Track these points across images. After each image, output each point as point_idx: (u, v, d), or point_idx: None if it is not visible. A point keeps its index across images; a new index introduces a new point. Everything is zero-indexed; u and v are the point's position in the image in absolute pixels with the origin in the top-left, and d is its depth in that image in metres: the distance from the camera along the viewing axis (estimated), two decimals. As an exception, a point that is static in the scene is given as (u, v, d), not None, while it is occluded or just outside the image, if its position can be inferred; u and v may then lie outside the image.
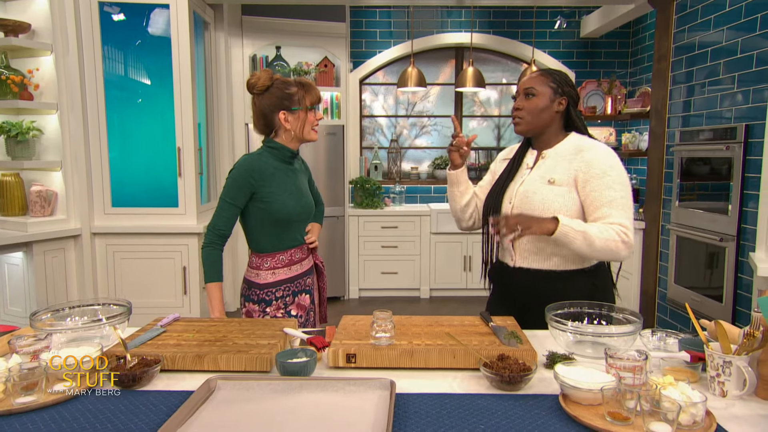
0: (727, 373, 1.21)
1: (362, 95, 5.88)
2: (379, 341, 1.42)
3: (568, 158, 1.78)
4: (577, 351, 1.50)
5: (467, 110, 6.04)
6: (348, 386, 1.24)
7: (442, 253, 5.33)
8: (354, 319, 1.65)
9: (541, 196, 1.76)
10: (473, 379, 1.34)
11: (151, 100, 3.87)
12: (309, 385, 1.24)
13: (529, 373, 1.27)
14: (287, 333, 1.53)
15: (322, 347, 1.41)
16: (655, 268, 4.27)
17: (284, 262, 1.98)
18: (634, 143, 5.22)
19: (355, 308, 5.05)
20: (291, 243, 2.00)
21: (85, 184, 3.76)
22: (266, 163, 1.93)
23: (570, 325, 1.50)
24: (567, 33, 5.66)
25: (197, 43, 4.19)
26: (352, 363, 1.39)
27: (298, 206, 1.97)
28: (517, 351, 1.39)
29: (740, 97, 3.33)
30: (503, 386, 1.27)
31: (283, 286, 1.98)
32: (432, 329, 1.56)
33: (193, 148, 3.87)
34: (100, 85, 3.73)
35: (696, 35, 3.78)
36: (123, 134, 3.84)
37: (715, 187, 3.59)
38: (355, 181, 5.46)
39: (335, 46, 5.18)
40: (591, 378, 1.21)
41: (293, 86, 1.93)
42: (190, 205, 3.90)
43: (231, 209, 1.91)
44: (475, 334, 1.53)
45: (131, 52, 3.81)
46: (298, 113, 1.94)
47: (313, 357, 1.34)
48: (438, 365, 1.39)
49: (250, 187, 1.90)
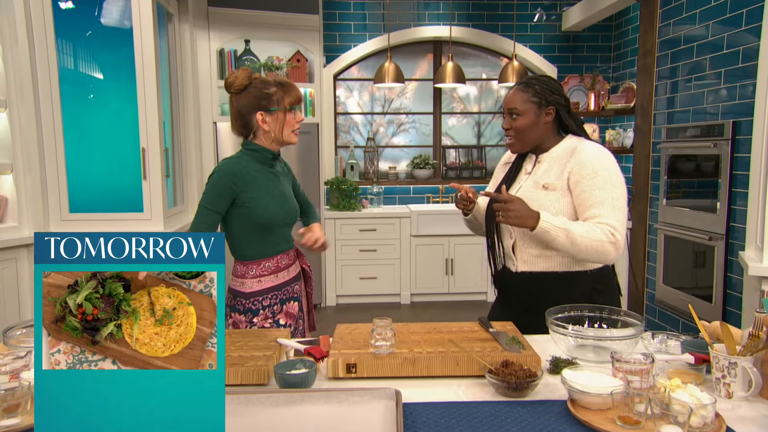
0: (733, 375, 1.28)
1: (336, 91, 5.90)
2: (380, 350, 1.46)
3: (563, 162, 1.86)
4: (578, 355, 1.55)
5: (446, 107, 6.11)
6: (352, 397, 1.27)
7: (423, 256, 5.39)
8: (349, 328, 1.68)
9: (537, 203, 1.84)
10: (478, 386, 1.39)
11: (104, 96, 3.81)
12: (311, 397, 1.26)
13: (536, 379, 1.32)
14: (282, 343, 1.54)
15: (321, 357, 1.43)
16: (642, 269, 4.40)
17: (270, 269, 2.00)
18: (618, 140, 5.38)
19: (332, 316, 5.06)
20: (276, 249, 2.02)
21: (39, 188, 3.68)
22: (247, 166, 1.95)
23: (571, 329, 1.56)
24: (548, 26, 5.79)
25: (160, 36, 4.15)
26: (353, 373, 1.42)
27: (282, 210, 1.99)
28: (521, 357, 1.44)
29: (726, 93, 3.47)
30: (510, 393, 1.32)
31: (270, 294, 1.99)
32: (431, 336, 1.60)
33: (158, 149, 3.83)
34: (54, 80, 3.65)
35: (681, 29, 3.92)
36: (81, 133, 3.77)
37: (702, 184, 3.73)
38: (330, 182, 5.48)
39: (308, 39, 5.19)
40: (599, 382, 1.27)
41: (272, 86, 1.95)
42: (156, 209, 3.86)
43: (211, 216, 1.92)
44: (475, 340, 1.58)
45: (82, 44, 3.75)
46: (277, 114, 1.95)
47: (313, 368, 1.36)
48: (441, 373, 1.43)
49: (231, 192, 1.91)
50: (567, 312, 1.67)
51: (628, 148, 5.20)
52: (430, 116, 6.09)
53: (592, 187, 1.79)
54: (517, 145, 1.93)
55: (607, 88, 5.64)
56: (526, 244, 1.90)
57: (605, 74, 5.82)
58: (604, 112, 5.49)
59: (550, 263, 1.89)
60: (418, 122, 6.11)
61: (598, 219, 1.76)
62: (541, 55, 5.81)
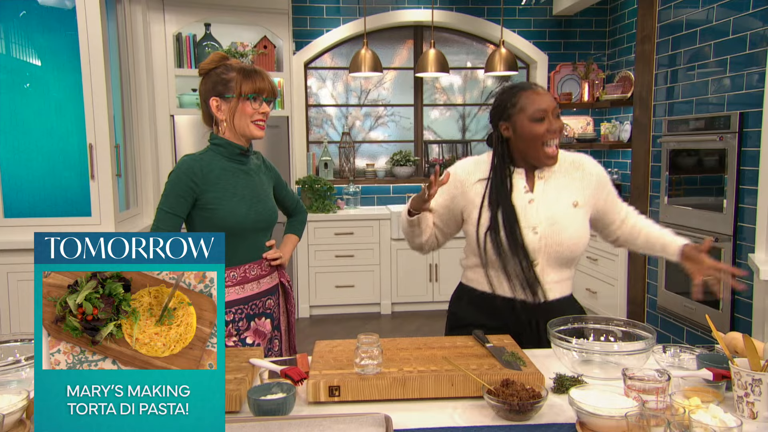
0: (757, 393, 1.27)
1: (308, 81, 5.85)
2: (366, 369, 1.42)
3: (574, 175, 1.93)
4: (583, 372, 1.54)
5: (428, 98, 6.11)
6: (336, 424, 1.23)
7: (404, 261, 5.37)
8: (330, 345, 1.64)
9: (571, 221, 1.87)
10: (476, 409, 1.37)
11: (43, 86, 3.71)
12: (290, 425, 1.23)
13: (540, 401, 1.30)
14: (255, 364, 1.50)
15: (300, 380, 1.40)
16: (643, 273, 4.44)
17: (235, 279, 1.95)
18: (614, 133, 5.43)
19: (306, 329, 5.01)
20: (244, 257, 1.97)
21: (-34, 191, 3.58)
22: (210, 163, 1.91)
23: (575, 343, 1.55)
24: (538, 10, 5.82)
25: (109, 19, 4.06)
26: (336, 396, 1.39)
27: (253, 213, 1.95)
28: (523, 375, 1.42)
29: (731, 82, 3.52)
30: (511, 416, 1.30)
31: (234, 308, 1.95)
32: (422, 353, 1.58)
33: (108, 145, 3.75)
34: (-20, 66, 3.54)
35: (683, 13, 3.97)
36: (16, 128, 3.66)
37: (707, 181, 3.77)
38: (302, 181, 5.43)
39: (276, 23, 5.13)
40: (610, 403, 1.25)
41: (233, 71, 1.94)
42: (105, 212, 3.77)
43: (171, 219, 1.87)
44: (471, 356, 1.56)
45: (14, 25, 3.64)
46: (232, 101, 1.93)
47: (291, 392, 1.32)
48: (435, 395, 1.41)
49: (191, 192, 1.87)
50: (570, 324, 1.66)
51: (626, 143, 5.26)
52: (411, 108, 6.08)
53: (613, 191, 1.99)
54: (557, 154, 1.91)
55: (602, 78, 5.69)
56: (549, 272, 1.88)
57: (600, 62, 5.87)
58: (598, 103, 5.53)
59: (565, 288, 1.94)
60: (397, 115, 6.09)
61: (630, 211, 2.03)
62: (531, 42, 5.84)
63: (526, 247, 1.82)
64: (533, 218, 1.85)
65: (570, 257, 1.87)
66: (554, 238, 1.83)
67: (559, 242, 1.83)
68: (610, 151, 5.73)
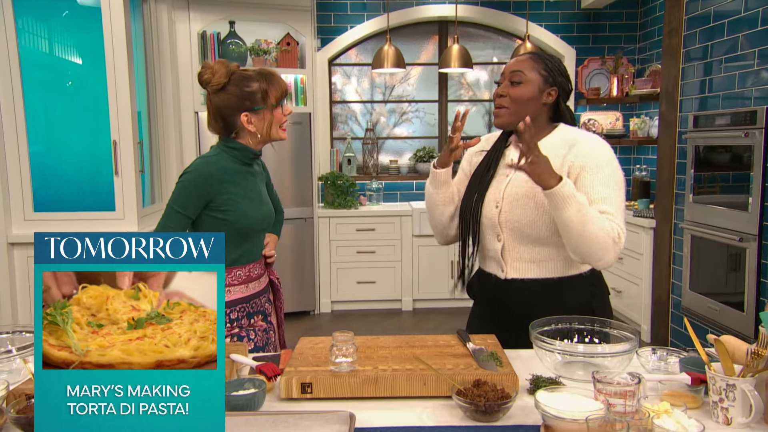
0: (731, 398, 1.24)
1: (332, 78, 5.89)
2: (340, 367, 1.43)
3: (561, 153, 1.79)
4: (566, 373, 1.52)
5: (453, 94, 6.07)
6: (302, 421, 1.25)
7: (425, 258, 5.36)
8: (313, 342, 1.66)
9: (534, 198, 1.78)
10: (446, 409, 1.36)
11: (83, 83, 3.82)
12: (256, 421, 1.25)
13: (508, 402, 1.29)
14: (234, 360, 1.53)
15: (274, 376, 1.42)
16: (668, 273, 4.34)
17: (241, 278, 1.98)
18: (643, 129, 5.31)
19: (326, 324, 5.06)
20: (250, 257, 2.00)
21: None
22: (225, 167, 1.92)
23: (558, 344, 1.53)
24: (566, 3, 5.72)
25: (134, 18, 4.16)
26: (308, 393, 1.40)
27: (259, 214, 1.97)
28: (496, 375, 1.41)
29: (763, 75, 3.40)
30: (479, 417, 1.29)
31: (239, 307, 1.98)
32: (401, 351, 1.58)
33: (132, 141, 3.84)
34: (14, 65, 3.66)
35: (711, 5, 3.85)
36: (48, 124, 3.79)
37: (732, 178, 3.66)
38: (325, 177, 5.46)
39: (299, 20, 5.17)
40: (577, 406, 1.24)
41: (254, 81, 1.90)
42: (129, 208, 3.87)
43: (180, 219, 1.89)
44: (449, 356, 1.55)
45: (57, 24, 3.75)
46: (263, 113, 1.92)
47: (261, 388, 1.34)
48: (406, 393, 1.41)
49: (206, 195, 1.88)
50: (554, 324, 1.64)
51: (654, 139, 5.13)
52: (436, 104, 6.05)
53: (595, 182, 1.74)
54: (507, 118, 1.82)
55: (631, 72, 5.57)
56: (517, 249, 1.85)
57: (630, 56, 5.74)
58: (628, 98, 5.42)
59: (543, 270, 1.85)
60: (422, 111, 6.07)
61: (606, 217, 1.71)
62: (558, 36, 5.75)
63: (482, 221, 1.86)
64: (497, 192, 1.85)
65: (534, 236, 1.80)
66: (513, 214, 1.81)
67: (517, 218, 1.80)
68: (639, 147, 5.61)
